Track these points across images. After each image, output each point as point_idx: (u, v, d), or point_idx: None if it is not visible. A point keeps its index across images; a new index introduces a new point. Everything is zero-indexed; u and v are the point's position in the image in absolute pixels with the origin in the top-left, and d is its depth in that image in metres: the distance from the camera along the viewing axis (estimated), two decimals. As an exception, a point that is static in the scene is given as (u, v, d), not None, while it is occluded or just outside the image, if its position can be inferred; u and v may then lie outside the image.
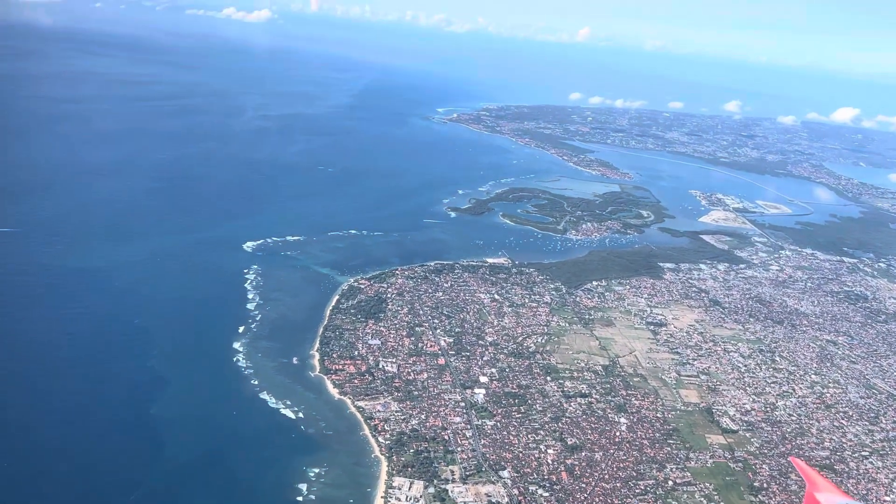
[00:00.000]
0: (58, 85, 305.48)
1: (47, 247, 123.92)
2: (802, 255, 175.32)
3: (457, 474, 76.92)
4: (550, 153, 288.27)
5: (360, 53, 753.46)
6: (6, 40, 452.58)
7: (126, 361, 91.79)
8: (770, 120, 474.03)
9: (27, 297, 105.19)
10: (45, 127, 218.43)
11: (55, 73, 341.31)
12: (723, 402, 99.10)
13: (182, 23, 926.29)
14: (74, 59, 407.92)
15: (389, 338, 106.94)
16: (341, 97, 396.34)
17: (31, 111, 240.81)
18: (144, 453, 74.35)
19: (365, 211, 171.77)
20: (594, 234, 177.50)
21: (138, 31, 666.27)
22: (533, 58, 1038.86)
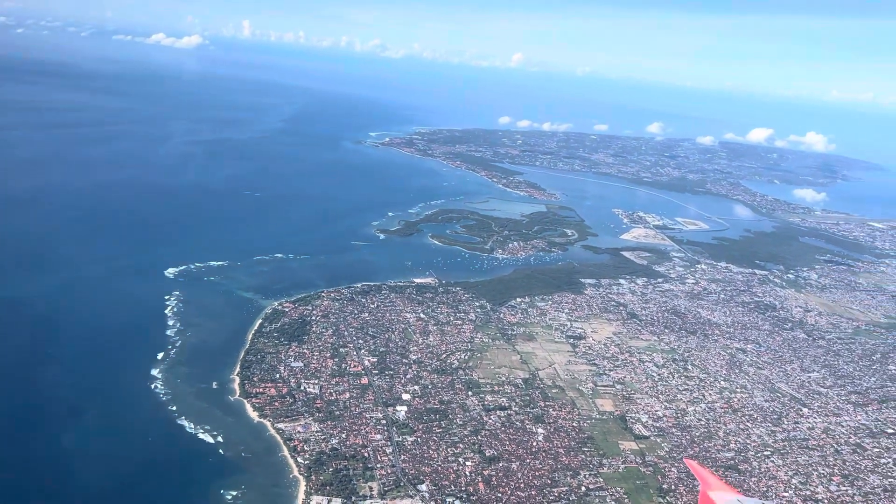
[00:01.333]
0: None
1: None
2: (717, 268, 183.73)
3: (375, 490, 77.79)
4: (481, 175, 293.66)
5: (293, 79, 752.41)
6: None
7: (37, 393, 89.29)
8: (690, 140, 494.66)
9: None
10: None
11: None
12: (636, 409, 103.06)
13: (109, 48, 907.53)
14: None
15: (312, 360, 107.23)
16: (272, 122, 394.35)
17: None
18: (52, 487, 72.44)
19: (292, 235, 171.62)
20: (520, 252, 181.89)
21: (62, 58, 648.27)
22: (467, 83, 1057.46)
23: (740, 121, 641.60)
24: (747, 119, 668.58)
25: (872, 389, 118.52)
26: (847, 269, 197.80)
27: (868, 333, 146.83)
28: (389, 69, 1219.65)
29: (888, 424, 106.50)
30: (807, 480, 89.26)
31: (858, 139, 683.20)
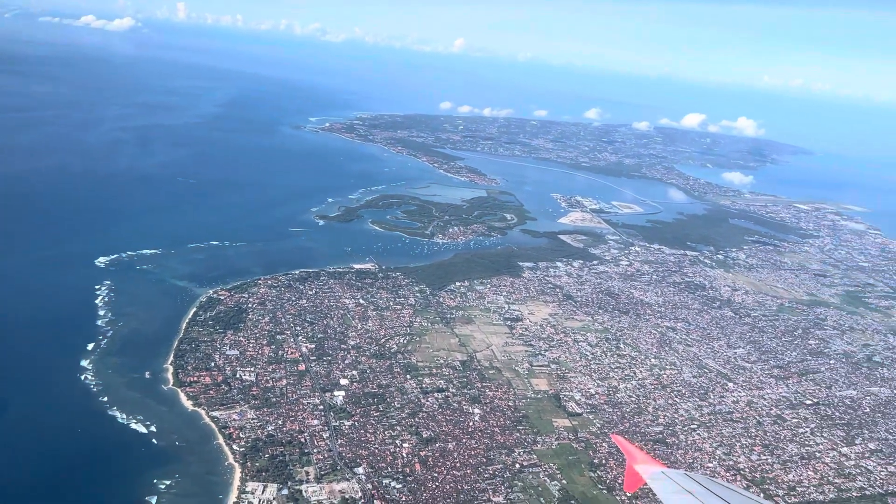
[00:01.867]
0: None
1: None
2: (650, 250, 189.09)
3: (311, 475, 78.11)
4: (422, 161, 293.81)
5: (231, 63, 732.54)
6: None
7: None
8: (627, 126, 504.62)
9: None
10: None
11: None
12: (570, 388, 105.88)
13: (35, 31, 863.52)
14: None
15: (248, 347, 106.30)
16: (208, 107, 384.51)
17: None
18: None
19: (228, 222, 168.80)
20: (460, 237, 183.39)
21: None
22: (409, 68, 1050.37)
23: (675, 107, 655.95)
24: (682, 105, 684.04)
25: (793, 363, 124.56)
26: (773, 249, 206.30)
27: (791, 310, 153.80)
28: (330, 54, 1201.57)
29: (806, 396, 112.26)
30: (730, 451, 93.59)
31: (788, 124, 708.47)
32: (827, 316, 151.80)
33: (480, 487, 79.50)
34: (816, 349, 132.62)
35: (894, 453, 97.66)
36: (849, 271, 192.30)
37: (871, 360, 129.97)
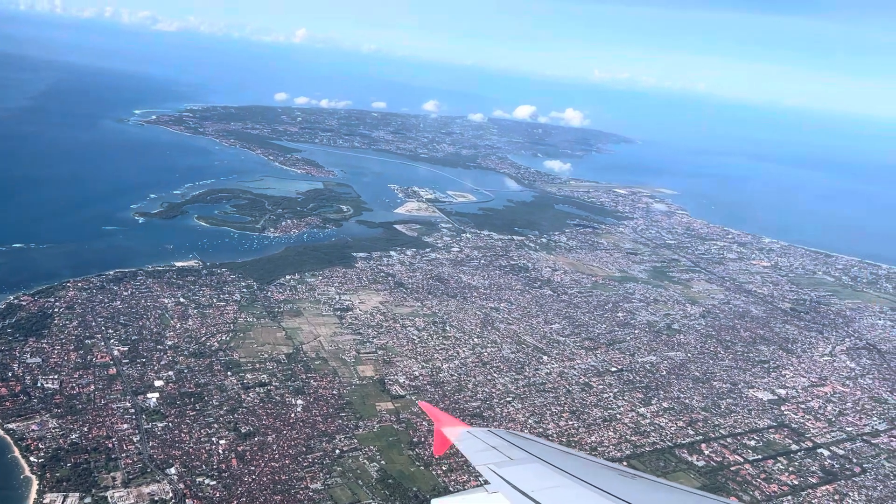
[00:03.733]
0: None
1: None
2: (480, 236, 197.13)
3: (119, 480, 74.88)
4: (256, 153, 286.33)
5: (46, 53, 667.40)
6: None
7: None
8: (463, 118, 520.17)
9: None
10: None
11: None
12: (395, 372, 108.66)
13: None
14: None
15: (53, 354, 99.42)
16: (16, 100, 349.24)
17: None
18: None
19: (34, 222, 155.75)
20: (293, 230, 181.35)
21: None
22: (246, 58, 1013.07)
23: (510, 99, 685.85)
24: (517, 97, 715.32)
25: (602, 335, 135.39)
26: (591, 232, 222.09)
27: (603, 287, 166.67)
28: (161, 43, 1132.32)
29: (612, 364, 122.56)
30: (541, 419, 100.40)
31: (613, 115, 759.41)
32: (635, 290, 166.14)
33: (299, 476, 79.97)
34: (624, 321, 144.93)
35: (684, 410, 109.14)
36: (657, 249, 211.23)
37: (670, 328, 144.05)
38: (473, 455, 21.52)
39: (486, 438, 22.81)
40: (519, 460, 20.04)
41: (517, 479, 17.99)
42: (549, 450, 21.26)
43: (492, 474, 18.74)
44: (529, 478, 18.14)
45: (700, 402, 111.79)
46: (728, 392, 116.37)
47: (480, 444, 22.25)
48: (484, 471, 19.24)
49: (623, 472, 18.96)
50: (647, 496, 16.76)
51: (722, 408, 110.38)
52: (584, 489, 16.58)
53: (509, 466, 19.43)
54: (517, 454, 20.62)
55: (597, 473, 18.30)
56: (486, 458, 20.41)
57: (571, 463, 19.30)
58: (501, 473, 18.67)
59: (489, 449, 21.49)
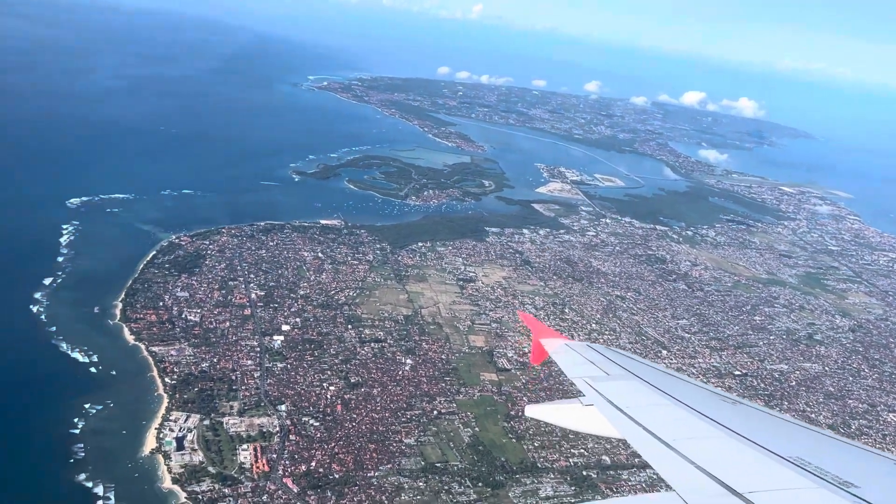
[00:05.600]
0: None
1: None
2: (620, 223, 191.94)
3: (235, 409, 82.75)
4: (413, 124, 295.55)
5: (240, 19, 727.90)
6: None
7: None
8: (625, 101, 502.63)
9: None
10: None
11: None
12: (505, 346, 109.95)
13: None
14: None
15: (199, 290, 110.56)
16: (208, 60, 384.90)
17: None
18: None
19: (204, 172, 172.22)
20: (433, 200, 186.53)
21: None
22: (420, 32, 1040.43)
23: (679, 83, 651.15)
24: (686, 82, 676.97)
25: (732, 337, 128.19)
26: (745, 229, 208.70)
27: (746, 287, 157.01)
28: (343, 14, 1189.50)
29: (736, 367, 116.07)
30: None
31: (795, 107, 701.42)
32: (780, 295, 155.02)
33: (395, 429, 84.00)
34: (760, 325, 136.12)
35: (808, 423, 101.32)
36: (815, 254, 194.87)
37: (811, 338, 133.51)
38: (570, 368, 21.48)
39: (583, 352, 22.75)
40: (616, 376, 19.86)
41: (613, 394, 17.74)
42: (648, 369, 20.98)
43: (587, 387, 18.70)
44: (625, 394, 17.85)
45: (828, 418, 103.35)
46: (863, 413, 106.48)
47: (578, 358, 22.15)
48: (579, 383, 19.27)
49: (725, 397, 18.15)
50: (751, 424, 15.56)
51: (852, 428, 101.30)
52: (682, 410, 16.09)
53: (605, 381, 19.25)
54: (615, 370, 20.44)
55: (696, 396, 17.66)
56: (583, 372, 20.36)
57: (671, 383, 18.83)
58: (597, 387, 18.52)
59: (586, 363, 21.39)
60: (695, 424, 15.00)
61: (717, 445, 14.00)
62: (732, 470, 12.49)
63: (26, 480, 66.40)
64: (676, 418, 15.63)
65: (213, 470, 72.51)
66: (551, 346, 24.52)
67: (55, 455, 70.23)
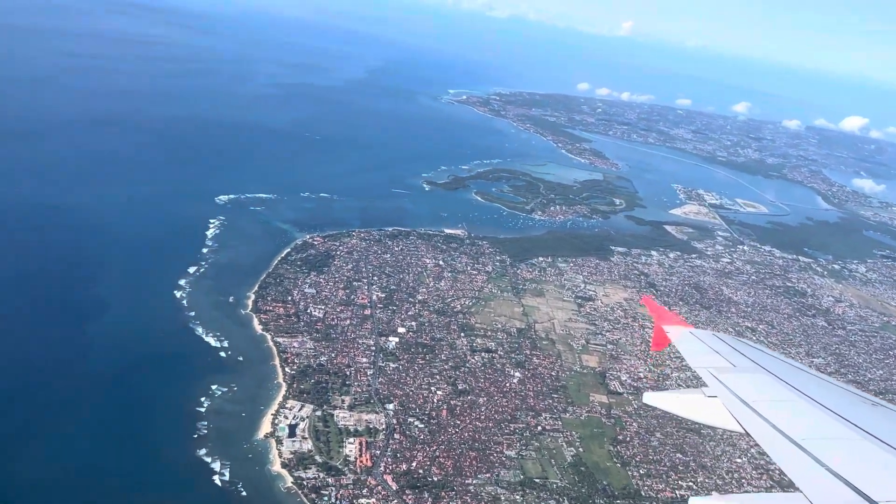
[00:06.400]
0: (75, 41, 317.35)
1: (30, 184, 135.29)
2: (759, 251, 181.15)
3: (346, 403, 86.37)
4: (547, 139, 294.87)
5: (392, 32, 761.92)
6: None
7: (73, 287, 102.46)
8: (776, 123, 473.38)
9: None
10: (51, 79, 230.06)
11: (74, 30, 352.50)
12: (619, 368, 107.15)
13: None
14: (102, 18, 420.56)
15: (325, 288, 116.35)
16: (357, 71, 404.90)
17: (42, 63, 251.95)
18: (69, 365, 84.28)
19: (341, 177, 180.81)
20: (559, 216, 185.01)
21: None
22: (565, 48, 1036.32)
23: (839, 106, 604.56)
24: (848, 106, 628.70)
25: (873, 381, 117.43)
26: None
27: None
28: (490, 29, 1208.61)
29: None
30: (762, 453, 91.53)
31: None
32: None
33: (497, 440, 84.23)
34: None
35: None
36: None
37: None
38: (693, 357, 20.99)
39: (708, 341, 22.15)
40: (743, 368, 19.22)
41: (738, 387, 17.18)
42: (778, 363, 20.13)
43: (711, 378, 18.20)
44: (752, 387, 17.26)
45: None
46: None
47: (702, 347, 21.61)
48: (703, 374, 18.81)
49: (864, 398, 17.10)
50: (893, 427, 14.52)
51: None
52: (815, 408, 15.30)
53: (731, 373, 18.69)
54: (741, 362, 19.84)
55: (831, 394, 16.78)
56: (707, 362, 19.88)
57: (804, 379, 18.02)
58: (722, 379, 17.97)
59: (711, 352, 20.84)
60: (828, 424, 14.22)
61: (853, 448, 13.16)
62: (868, 475, 11.71)
63: (153, 449, 72.76)
64: (807, 416, 14.89)
65: (320, 459, 76.08)
66: (674, 333, 23.95)
67: (181, 429, 76.46)
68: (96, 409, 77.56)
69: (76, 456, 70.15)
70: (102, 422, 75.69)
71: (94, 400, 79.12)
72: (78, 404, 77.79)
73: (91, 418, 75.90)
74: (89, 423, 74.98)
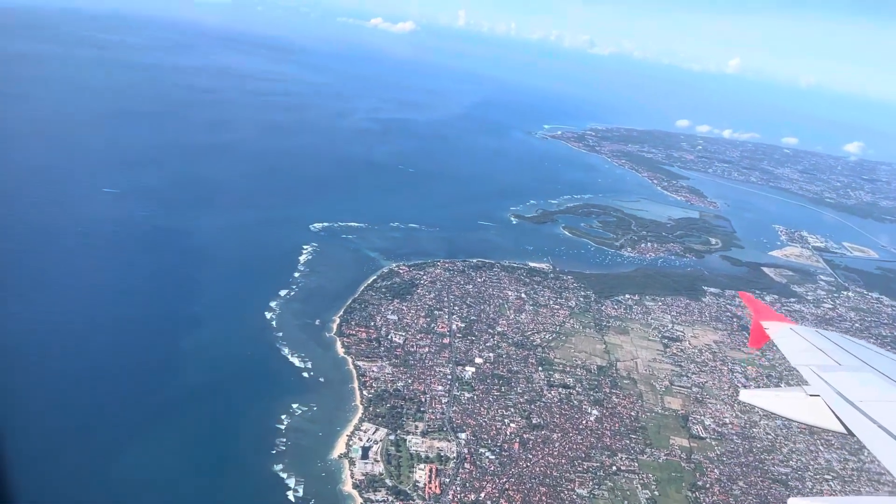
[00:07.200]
0: (198, 76, 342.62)
1: (141, 207, 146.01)
2: (866, 298, 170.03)
3: (420, 429, 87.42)
4: (642, 176, 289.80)
5: (492, 69, 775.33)
6: (168, 33, 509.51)
7: (173, 304, 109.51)
8: (890, 164, 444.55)
9: (110, 244, 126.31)
10: (173, 111, 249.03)
11: (199, 66, 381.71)
12: (703, 412, 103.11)
13: (329, 29, 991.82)
14: (221, 54, 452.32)
15: (407, 316, 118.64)
16: (454, 107, 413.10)
17: (167, 97, 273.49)
18: (162, 375, 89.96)
19: (430, 209, 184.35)
20: (650, 253, 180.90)
21: (286, 34, 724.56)
22: (669, 84, 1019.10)
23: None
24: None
25: None
26: None
27: None
28: (593, 66, 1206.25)
29: None
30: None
31: None
32: None
33: (569, 478, 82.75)
34: None
35: None
36: None
37: None
38: (794, 354, 20.59)
39: (811, 338, 21.56)
40: (848, 367, 18.61)
41: (843, 386, 16.60)
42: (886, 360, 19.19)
43: (814, 376, 17.84)
44: (859, 386, 16.62)
45: None
46: None
47: (804, 344, 21.15)
48: (805, 371, 18.55)
49: None
50: None
51: None
52: None
53: (835, 371, 18.13)
54: (847, 360, 19.20)
55: None
56: (809, 359, 19.46)
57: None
58: (825, 377, 17.51)
59: (813, 350, 20.40)
60: None
61: None
62: None
63: (233, 462, 76.34)
64: None
65: (390, 483, 77.28)
66: (774, 329, 23.02)
67: (260, 443, 79.77)
68: (182, 421, 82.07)
69: (159, 465, 74.32)
70: (187, 433, 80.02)
71: (181, 411, 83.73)
72: (166, 415, 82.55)
73: (176, 429, 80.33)
74: (174, 434, 79.36)
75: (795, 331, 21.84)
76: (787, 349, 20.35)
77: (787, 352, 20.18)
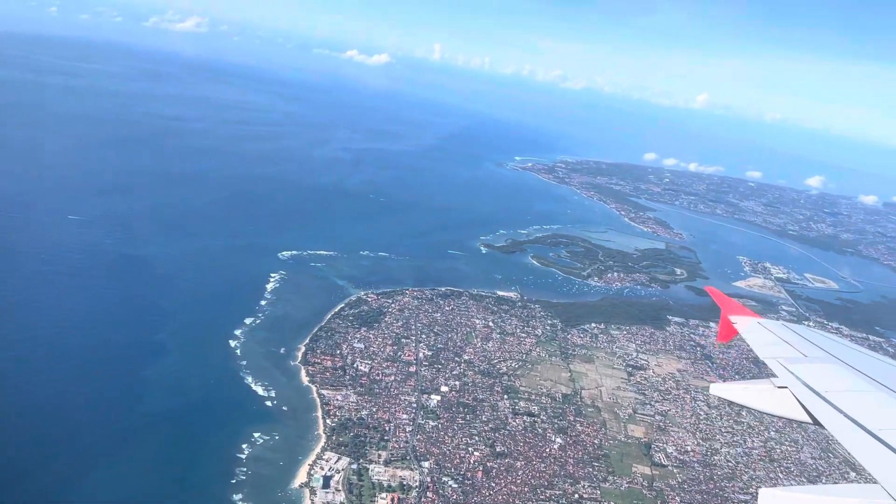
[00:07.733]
0: (173, 105, 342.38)
1: (108, 235, 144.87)
2: (826, 327, 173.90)
3: (382, 458, 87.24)
4: (610, 207, 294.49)
5: (466, 101, 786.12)
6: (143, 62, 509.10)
7: (137, 331, 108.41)
8: (851, 199, 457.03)
9: (74, 271, 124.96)
10: (146, 139, 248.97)
11: (175, 95, 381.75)
12: (665, 440, 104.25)
13: (305, 60, 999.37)
14: (196, 84, 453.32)
15: (374, 344, 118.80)
16: (427, 138, 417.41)
17: (141, 125, 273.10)
18: (124, 403, 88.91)
19: (401, 238, 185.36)
20: (616, 283, 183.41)
21: (262, 64, 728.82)
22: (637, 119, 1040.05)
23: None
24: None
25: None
26: None
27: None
28: (564, 100, 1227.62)
29: None
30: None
31: None
32: None
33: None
34: None
35: None
36: None
37: None
38: (762, 347, 20.57)
39: (777, 331, 21.59)
40: (814, 358, 18.80)
41: (810, 377, 16.75)
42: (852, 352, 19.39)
43: (781, 368, 17.90)
44: (825, 377, 16.82)
45: None
46: None
47: (771, 337, 21.15)
48: (772, 364, 18.47)
49: None
50: None
51: None
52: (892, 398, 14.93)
53: (802, 363, 18.30)
54: (812, 351, 19.34)
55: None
56: (776, 352, 19.40)
57: (880, 369, 17.58)
58: (792, 369, 17.60)
59: (780, 343, 20.40)
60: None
61: None
62: None
63: (192, 490, 75.58)
64: (884, 406, 14.58)
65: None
66: (742, 323, 23.23)
67: (220, 472, 79.09)
68: (142, 449, 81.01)
69: (118, 494, 73.21)
70: (147, 461, 79.03)
71: (141, 440, 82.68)
72: (126, 443, 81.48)
73: (136, 457, 79.30)
74: (134, 462, 78.35)
75: (762, 324, 22.37)
76: (755, 342, 20.80)
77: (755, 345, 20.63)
